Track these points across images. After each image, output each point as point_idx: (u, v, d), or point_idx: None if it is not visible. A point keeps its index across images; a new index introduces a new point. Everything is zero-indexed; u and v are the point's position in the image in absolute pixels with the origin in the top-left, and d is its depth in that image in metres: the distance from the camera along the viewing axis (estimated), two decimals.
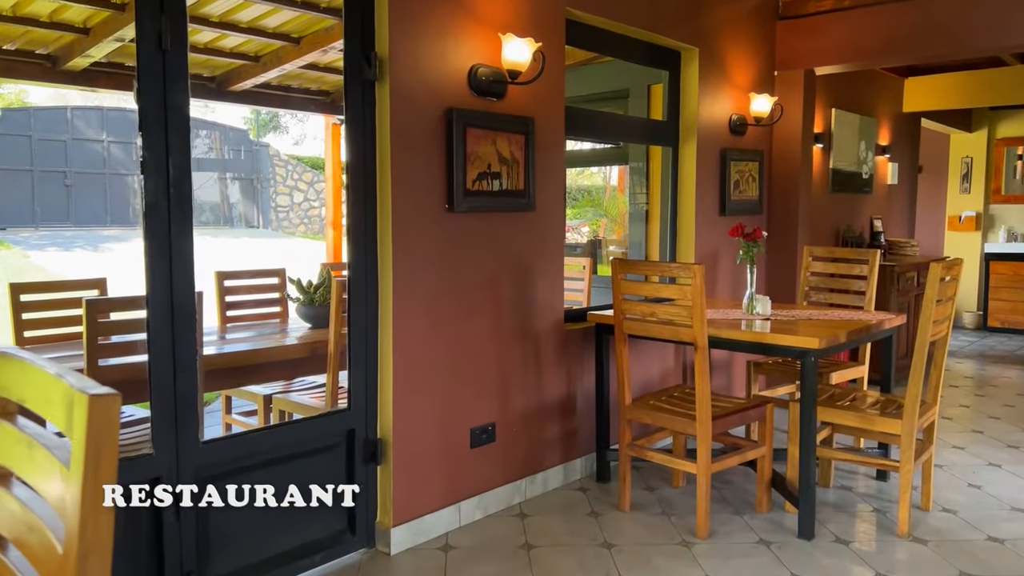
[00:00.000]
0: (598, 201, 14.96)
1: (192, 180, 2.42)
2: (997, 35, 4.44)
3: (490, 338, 3.36)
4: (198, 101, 6.12)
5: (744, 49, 4.89)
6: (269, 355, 3.71)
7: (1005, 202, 8.77)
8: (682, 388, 3.66)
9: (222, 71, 5.65)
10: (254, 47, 5.18)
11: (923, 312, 3.11)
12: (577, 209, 14.44)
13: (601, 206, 14.65)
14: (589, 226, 13.90)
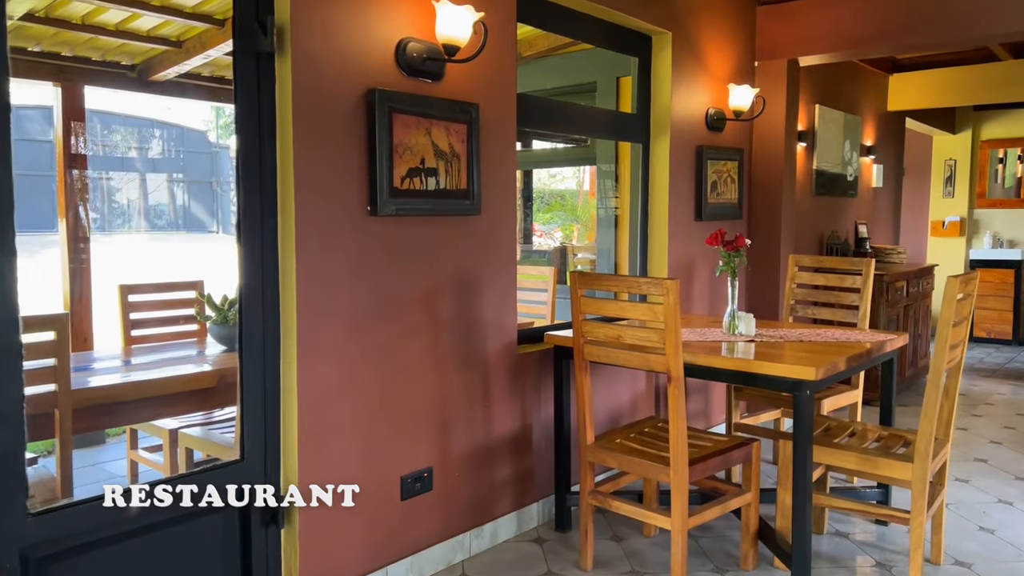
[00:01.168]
0: (570, 206, 14.43)
1: (13, 181, 1.84)
2: (1001, 19, 3.99)
3: (426, 366, 2.82)
4: (119, 93, 5.50)
5: (722, 35, 4.40)
6: (157, 387, 3.11)
7: (990, 206, 8.41)
8: (654, 422, 3.13)
9: (142, 58, 5.05)
10: (175, 30, 4.59)
11: (938, 336, 2.61)
12: (548, 212, 13.89)
13: (574, 211, 14.11)
14: (562, 231, 13.35)
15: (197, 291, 3.96)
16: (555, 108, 3.63)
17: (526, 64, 5.53)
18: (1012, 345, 8.00)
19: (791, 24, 4.58)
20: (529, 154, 7.12)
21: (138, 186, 15.32)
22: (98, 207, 5.47)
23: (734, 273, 3.23)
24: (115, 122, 5.84)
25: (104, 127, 5.60)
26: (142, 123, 14.72)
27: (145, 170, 11.32)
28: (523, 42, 5.25)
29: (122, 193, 16.14)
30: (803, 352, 2.87)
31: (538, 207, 10.39)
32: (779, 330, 3.35)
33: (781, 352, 2.87)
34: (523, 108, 3.25)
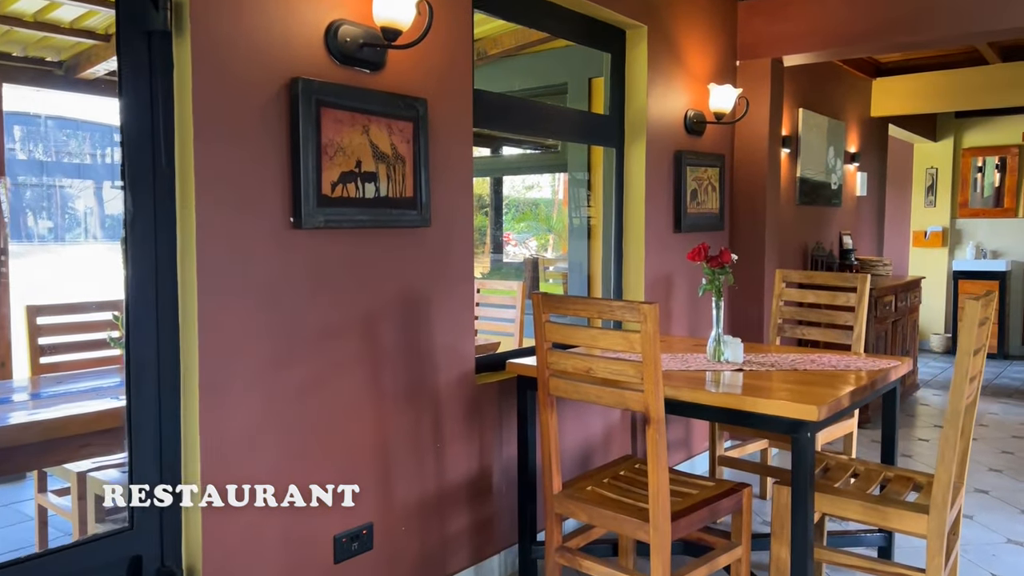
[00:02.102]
0: (544, 215, 14.07)
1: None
2: (994, 15, 3.68)
3: (365, 404, 2.41)
4: (44, 92, 5.04)
5: (701, 30, 4.06)
6: (56, 428, 2.66)
7: (973, 216, 8.18)
8: (631, 462, 2.75)
9: (69, 54, 4.60)
10: (101, 21, 4.15)
11: (957, 367, 2.26)
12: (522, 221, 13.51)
13: (548, 221, 13.75)
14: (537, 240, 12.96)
15: (116, 312, 3.52)
16: (518, 107, 3.25)
17: (491, 64, 5.17)
18: (998, 359, 7.75)
19: (775, 20, 4.25)
20: (497, 160, 6.75)
21: (65, 193, 14.65)
22: (21, 216, 4.98)
23: (719, 292, 2.86)
24: (39, 123, 5.33)
25: (29, 129, 5.11)
26: (72, 124, 14.07)
27: (74, 175, 10.80)
28: (488, 40, 4.88)
29: (61, 200, 15.44)
30: (800, 384, 2.50)
31: (511, 216, 10.00)
32: (768, 355, 2.99)
33: (775, 384, 2.50)
34: (481, 106, 2.86)
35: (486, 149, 6.64)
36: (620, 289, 3.78)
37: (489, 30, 4.76)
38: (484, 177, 7.03)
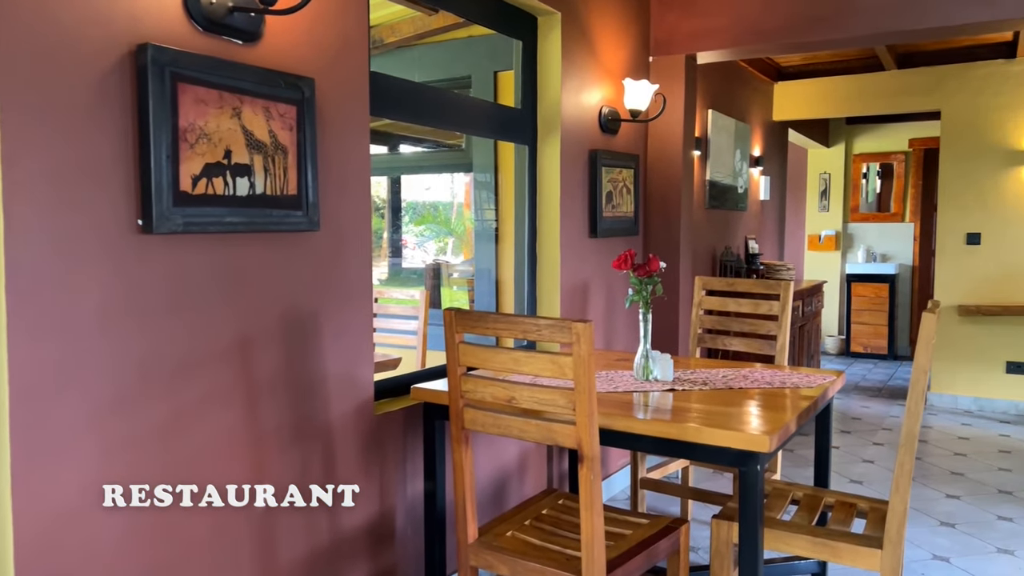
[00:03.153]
0: (444, 218, 13.66)
1: None
2: (910, 14, 3.61)
3: (237, 447, 1.98)
4: None
5: (615, 22, 3.81)
6: None
7: (863, 220, 8.40)
8: (554, 499, 2.43)
9: None
10: None
11: (913, 387, 2.06)
12: (421, 224, 13.05)
13: (448, 224, 13.34)
14: (437, 243, 12.54)
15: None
16: (423, 94, 2.87)
17: (388, 53, 4.76)
18: (888, 360, 7.97)
19: (690, 15, 4.06)
20: (395, 159, 6.33)
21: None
22: None
23: (647, 304, 2.59)
24: None
25: None
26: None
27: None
28: (385, 27, 4.48)
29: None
30: (741, 407, 2.25)
31: (410, 219, 9.57)
32: (699, 372, 2.74)
33: (715, 408, 2.24)
34: (379, 91, 2.48)
35: (383, 147, 6.21)
36: (534, 298, 3.47)
37: (386, 16, 4.36)
38: (381, 177, 6.59)
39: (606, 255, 3.77)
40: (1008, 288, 5.59)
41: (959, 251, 5.77)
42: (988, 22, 3.59)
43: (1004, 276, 5.62)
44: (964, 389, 5.79)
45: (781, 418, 2.08)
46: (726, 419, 2.12)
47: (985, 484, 4.08)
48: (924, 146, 8.00)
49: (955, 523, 3.53)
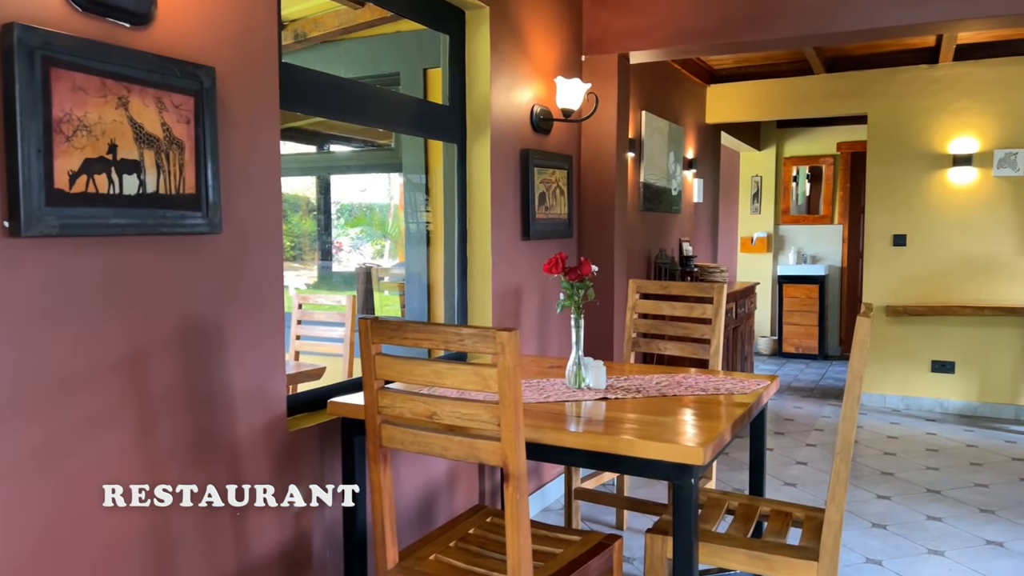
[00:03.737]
0: (379, 220, 13.38)
1: None
2: (846, 15, 3.62)
3: (132, 474, 1.79)
4: None
5: (546, 18, 3.71)
6: None
7: (794, 222, 8.54)
8: (481, 516, 2.30)
9: None
10: None
11: (848, 392, 2.01)
12: (354, 226, 12.74)
13: (383, 226, 13.07)
14: (372, 246, 12.24)
15: None
16: (340, 88, 2.70)
17: (311, 49, 4.56)
18: (819, 360, 8.11)
19: (622, 13, 3.99)
20: (324, 158, 6.12)
21: None
22: None
23: (579, 309, 2.48)
24: None
25: None
26: None
27: None
28: (308, 21, 4.29)
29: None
30: (675, 416, 2.17)
31: (345, 221, 9.32)
32: (632, 378, 2.65)
33: (648, 417, 2.15)
34: (291, 83, 2.31)
35: (311, 146, 5.99)
36: (465, 303, 3.34)
37: (309, 8, 4.17)
38: (310, 177, 6.36)
39: (539, 258, 3.66)
40: (932, 289, 5.72)
41: (886, 253, 5.88)
42: (911, 25, 3.62)
43: (929, 277, 5.74)
44: (892, 388, 5.90)
45: (715, 427, 2.00)
46: (660, 430, 2.02)
47: (914, 484, 4.12)
48: (852, 149, 8.18)
49: (887, 524, 3.54)
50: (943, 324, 5.68)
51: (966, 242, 5.62)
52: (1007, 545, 3.30)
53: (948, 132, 5.64)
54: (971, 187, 5.60)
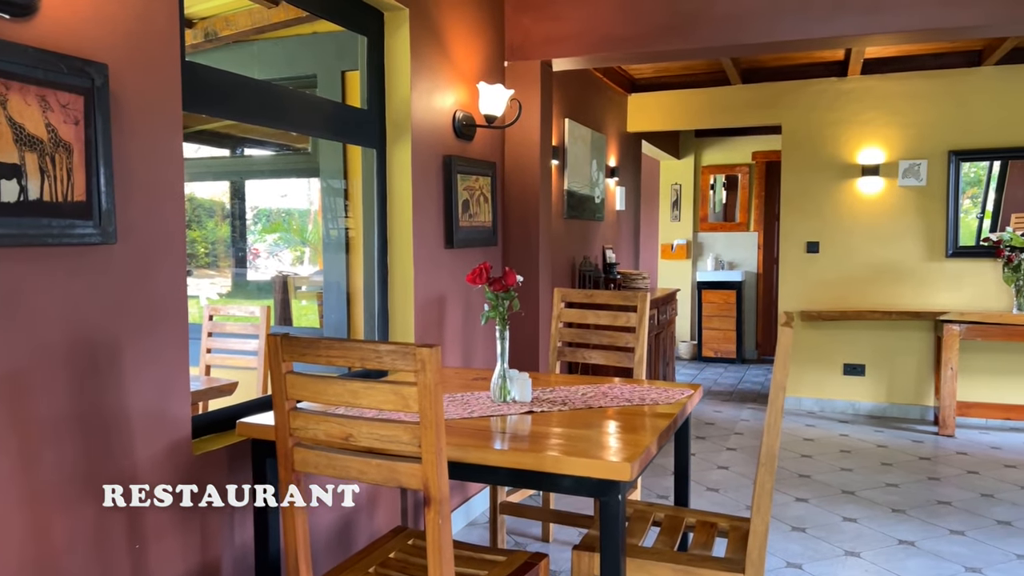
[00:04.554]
0: (297, 227, 13.03)
1: None
2: (762, 27, 3.69)
3: (11, 508, 1.62)
4: None
5: (467, 23, 3.65)
6: None
7: (712, 230, 8.73)
8: (403, 539, 2.20)
9: None
10: None
11: (772, 403, 2.00)
12: (271, 232, 12.36)
13: (302, 233, 12.73)
14: (292, 252, 11.88)
15: None
16: (250, 89, 2.56)
17: (223, 49, 4.37)
18: (737, 364, 8.30)
19: (544, 19, 3.97)
20: (238, 162, 5.88)
21: None
22: None
23: (504, 320, 2.42)
24: None
25: None
26: None
27: None
28: (219, 19, 4.10)
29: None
30: (601, 430, 2.13)
31: (262, 227, 9.00)
32: (557, 390, 2.60)
33: (574, 432, 2.10)
34: (196, 84, 2.17)
35: (224, 149, 5.74)
36: (386, 313, 3.23)
37: (220, 6, 3.99)
38: (223, 181, 6.10)
39: (463, 267, 3.59)
40: (844, 294, 5.92)
41: (800, 259, 6.05)
42: (824, 38, 3.72)
43: (840, 282, 5.94)
44: (807, 391, 6.07)
45: (641, 441, 1.97)
46: (586, 445, 1.98)
47: (830, 485, 4.23)
48: (766, 159, 8.42)
49: (805, 527, 3.61)
50: (854, 328, 5.89)
51: (875, 249, 5.84)
52: (919, 544, 3.40)
53: (857, 143, 5.85)
54: (879, 196, 5.83)
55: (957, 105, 5.58)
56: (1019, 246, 5.23)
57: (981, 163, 5.67)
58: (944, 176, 5.63)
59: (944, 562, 3.21)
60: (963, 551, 3.32)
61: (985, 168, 5.72)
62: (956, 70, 5.57)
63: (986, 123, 5.52)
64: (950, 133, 5.61)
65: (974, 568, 3.15)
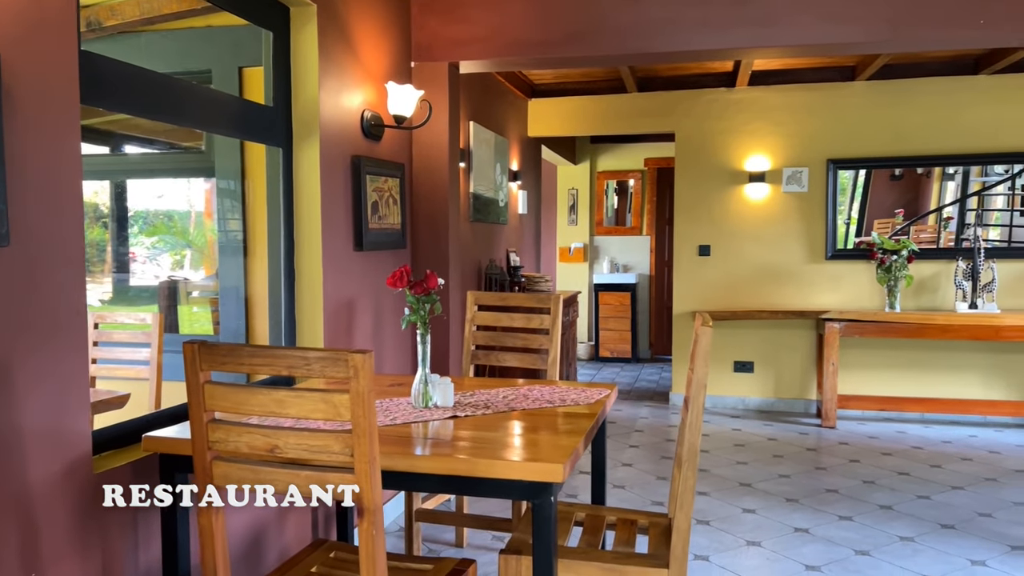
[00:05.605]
0: (180, 228, 12.39)
1: None
2: (662, 37, 3.81)
3: None
4: None
5: (375, 22, 3.58)
6: None
7: (607, 234, 8.94)
8: (324, 553, 2.12)
9: None
10: None
11: (694, 401, 2.06)
12: (151, 235, 11.71)
13: (186, 235, 12.13)
14: (172, 257, 11.29)
15: None
16: (154, 83, 2.40)
17: (106, 40, 4.10)
18: (632, 363, 8.54)
19: (452, 21, 3.94)
20: (120, 161, 5.52)
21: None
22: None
23: (425, 324, 2.38)
24: None
25: None
26: None
27: None
28: (103, 7, 3.85)
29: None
30: (529, 432, 2.13)
31: (139, 229, 8.49)
32: (478, 393, 2.59)
33: (501, 435, 2.09)
34: (94, 76, 2.02)
35: (104, 147, 5.38)
36: (293, 319, 3.11)
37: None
38: (103, 181, 5.71)
39: (373, 270, 3.51)
40: (734, 295, 6.20)
41: (693, 262, 6.29)
42: (716, 50, 3.89)
43: (730, 284, 6.21)
44: None
45: (571, 442, 1.98)
46: (516, 449, 1.97)
47: (728, 479, 4.41)
48: (657, 165, 8.71)
49: (709, 520, 3.74)
50: (744, 327, 6.17)
51: (762, 252, 6.15)
52: (812, 531, 3.60)
53: (744, 151, 6.15)
54: (765, 202, 6.14)
55: (834, 116, 5.96)
56: (891, 249, 5.64)
57: (848, 172, 6.08)
58: (824, 183, 6.00)
59: (836, 547, 3.41)
60: (852, 535, 3.54)
61: (851, 177, 6.13)
62: (833, 84, 5.95)
63: (859, 134, 5.92)
64: (828, 143, 5.98)
65: (863, 551, 3.36)
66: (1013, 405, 5.64)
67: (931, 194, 6.20)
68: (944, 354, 5.80)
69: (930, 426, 5.68)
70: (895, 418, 5.86)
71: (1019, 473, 4.49)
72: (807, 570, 3.17)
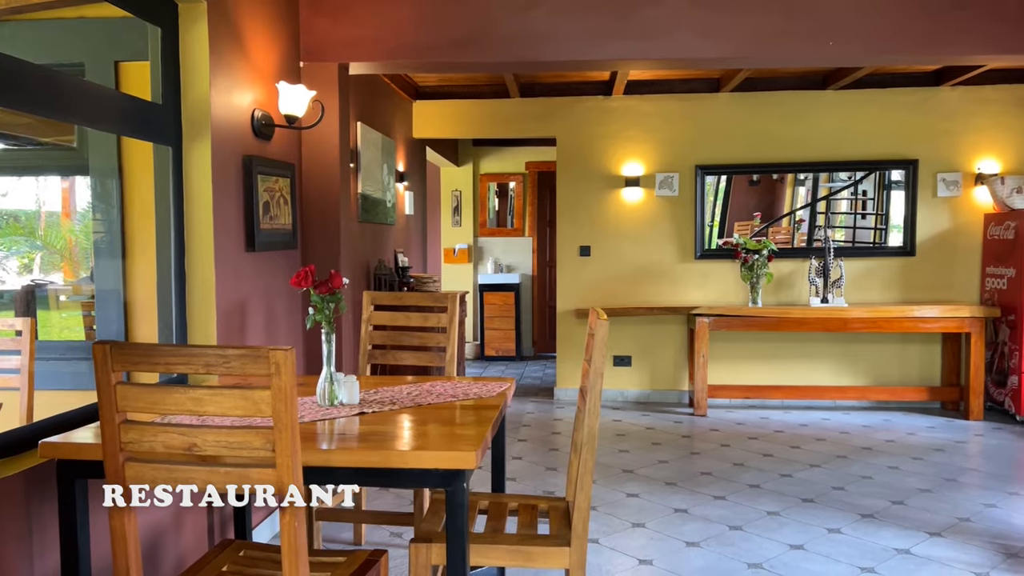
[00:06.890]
0: (32, 228, 11.51)
1: None
2: (548, 47, 3.99)
3: None
4: None
5: (264, 21, 3.54)
6: None
7: (491, 235, 9.11)
8: (233, 551, 2.12)
9: None
10: None
11: (592, 389, 2.21)
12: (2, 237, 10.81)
13: (36, 235, 11.28)
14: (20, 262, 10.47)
15: None
16: (26, 74, 2.30)
17: None
18: (517, 361, 8.75)
19: (341, 23, 3.96)
20: None
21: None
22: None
23: (330, 323, 2.41)
24: None
25: None
26: None
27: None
28: None
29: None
30: (439, 424, 2.22)
31: None
32: (382, 391, 2.65)
33: (414, 429, 2.16)
34: None
35: None
36: (184, 322, 3.04)
37: None
38: None
39: (265, 271, 3.48)
40: (613, 292, 6.50)
41: (574, 262, 6.55)
42: (599, 60, 4.12)
43: (609, 282, 6.51)
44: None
45: (480, 431, 2.08)
46: (427, 440, 2.06)
47: (612, 466, 4.65)
48: (538, 169, 8.97)
49: (596, 505, 3.95)
50: (622, 323, 6.49)
51: (638, 252, 6.49)
52: (690, 511, 3.87)
53: (621, 156, 6.46)
54: (640, 205, 6.48)
55: (701, 125, 6.38)
56: (753, 248, 6.10)
57: (712, 177, 6.53)
58: (692, 187, 6.41)
59: (712, 524, 3.69)
60: (726, 513, 3.84)
61: (714, 182, 6.59)
62: (700, 94, 6.37)
63: (722, 142, 6.37)
64: (696, 149, 6.40)
65: (736, 527, 3.66)
66: (858, 390, 6.24)
67: (785, 198, 6.76)
68: (800, 345, 6.34)
69: (789, 411, 6.19)
70: (759, 405, 6.34)
71: (866, 450, 5.00)
72: (688, 546, 3.42)
